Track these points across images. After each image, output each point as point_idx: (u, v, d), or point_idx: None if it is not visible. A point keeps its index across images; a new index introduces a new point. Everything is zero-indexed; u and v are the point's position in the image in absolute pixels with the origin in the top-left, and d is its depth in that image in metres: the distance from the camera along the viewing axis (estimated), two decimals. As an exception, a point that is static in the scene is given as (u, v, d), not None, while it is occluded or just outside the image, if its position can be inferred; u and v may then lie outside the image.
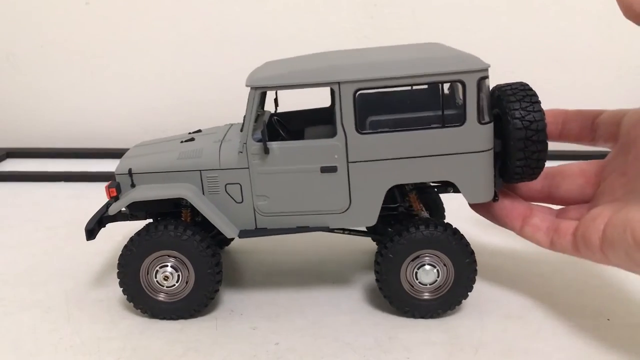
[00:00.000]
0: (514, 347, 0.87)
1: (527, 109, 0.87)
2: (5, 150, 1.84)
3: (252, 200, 0.91)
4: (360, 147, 0.88)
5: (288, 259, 1.15)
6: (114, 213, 0.95)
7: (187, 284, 0.91)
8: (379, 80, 0.86)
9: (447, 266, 0.91)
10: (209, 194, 0.92)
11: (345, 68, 0.88)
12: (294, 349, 0.85)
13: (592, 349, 0.87)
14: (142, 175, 0.94)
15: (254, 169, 0.89)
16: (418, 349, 0.86)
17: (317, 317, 0.94)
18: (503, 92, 0.90)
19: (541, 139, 0.87)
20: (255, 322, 0.92)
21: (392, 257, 0.90)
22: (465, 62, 0.87)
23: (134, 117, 1.91)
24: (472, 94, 0.86)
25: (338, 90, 0.86)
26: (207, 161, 0.92)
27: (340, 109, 0.87)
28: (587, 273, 1.13)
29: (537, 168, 0.90)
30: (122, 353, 0.84)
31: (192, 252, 0.90)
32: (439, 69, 0.86)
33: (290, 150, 0.89)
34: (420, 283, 0.92)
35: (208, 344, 0.86)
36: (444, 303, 0.93)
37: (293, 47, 1.83)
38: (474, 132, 0.87)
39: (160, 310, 0.92)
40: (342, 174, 0.89)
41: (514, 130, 0.87)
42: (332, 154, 0.88)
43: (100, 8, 1.86)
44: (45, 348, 0.85)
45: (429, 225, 0.90)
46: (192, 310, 0.92)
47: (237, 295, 1.00)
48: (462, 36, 1.87)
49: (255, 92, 0.89)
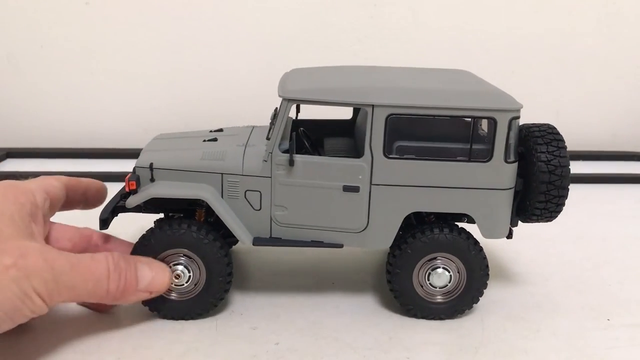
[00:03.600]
0: (514, 347, 0.87)
1: (553, 153, 0.88)
2: (5, 150, 1.84)
3: (270, 209, 0.91)
4: (385, 171, 0.88)
5: (288, 260, 1.15)
6: (132, 206, 0.94)
7: (195, 287, 0.91)
8: (413, 107, 0.86)
9: (460, 274, 0.92)
10: (228, 198, 0.92)
11: (381, 91, 0.88)
12: (294, 349, 0.85)
13: (592, 349, 0.87)
14: (163, 171, 0.93)
15: (277, 179, 0.89)
16: (418, 349, 0.86)
17: (318, 317, 0.94)
18: (530, 133, 0.91)
19: (564, 185, 0.89)
20: (255, 322, 0.92)
21: (410, 252, 0.90)
22: (500, 100, 0.88)
23: (134, 117, 1.91)
24: (503, 132, 0.86)
25: (371, 112, 0.86)
26: (230, 165, 0.91)
27: (371, 131, 0.87)
28: (587, 273, 1.13)
29: (555, 212, 0.92)
30: (122, 353, 0.84)
31: (210, 256, 0.89)
32: (474, 105, 0.86)
33: (315, 165, 0.89)
34: (430, 284, 0.92)
35: (208, 344, 0.86)
36: (448, 309, 0.93)
37: (293, 47, 1.84)
38: (499, 170, 0.88)
39: (163, 307, 0.91)
40: (363, 195, 0.89)
41: (538, 172, 0.88)
42: (356, 175, 0.88)
43: (100, 8, 1.86)
44: (45, 348, 0.85)
45: (453, 230, 0.91)
46: (194, 313, 0.92)
47: (237, 295, 1.00)
48: (462, 36, 1.88)
49: (288, 104, 0.89)
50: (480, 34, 1.86)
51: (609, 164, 1.96)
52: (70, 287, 0.75)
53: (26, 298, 0.71)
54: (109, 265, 0.80)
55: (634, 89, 2.01)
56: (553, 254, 1.23)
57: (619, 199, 1.67)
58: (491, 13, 1.87)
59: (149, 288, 0.85)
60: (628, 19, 1.89)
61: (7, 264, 0.70)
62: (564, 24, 1.90)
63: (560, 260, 1.20)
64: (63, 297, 0.76)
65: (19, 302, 0.70)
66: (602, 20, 1.87)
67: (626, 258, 1.23)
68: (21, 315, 0.72)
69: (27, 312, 0.72)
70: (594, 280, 1.09)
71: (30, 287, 0.71)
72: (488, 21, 1.87)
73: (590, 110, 1.99)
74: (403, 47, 1.87)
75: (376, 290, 1.03)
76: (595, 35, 1.90)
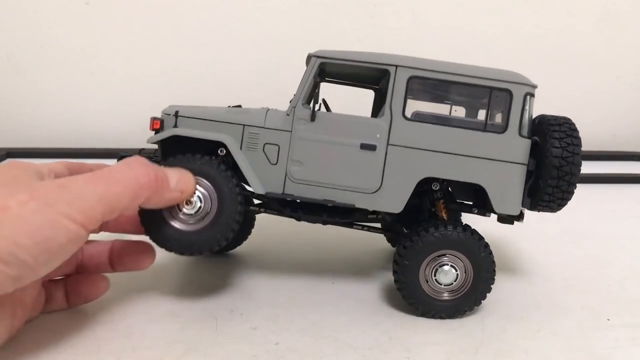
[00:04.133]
0: (514, 347, 0.87)
1: (567, 147, 0.91)
2: (5, 150, 1.84)
3: (286, 163, 0.93)
4: (402, 132, 0.91)
5: (288, 260, 1.15)
6: (153, 142, 0.96)
7: (204, 219, 0.90)
8: (434, 72, 0.90)
9: (467, 274, 0.92)
10: (246, 150, 0.94)
11: (405, 57, 0.92)
12: (294, 349, 0.85)
13: (592, 349, 0.87)
14: (188, 119, 0.96)
15: (296, 134, 0.93)
16: (418, 349, 0.86)
17: (317, 317, 0.94)
18: (546, 122, 0.94)
19: (576, 162, 0.91)
20: (255, 322, 0.92)
21: (421, 246, 0.91)
22: (516, 76, 0.92)
23: (134, 117, 1.91)
24: (518, 105, 0.90)
25: (394, 73, 0.91)
26: (253, 118, 0.95)
27: (392, 92, 0.91)
28: (587, 273, 1.13)
29: (563, 200, 0.93)
30: (122, 353, 0.84)
31: (224, 189, 0.89)
32: (492, 76, 0.90)
33: (335, 121, 0.92)
34: (436, 281, 0.92)
35: (208, 344, 0.86)
36: (450, 308, 0.93)
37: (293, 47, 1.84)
38: (513, 143, 0.91)
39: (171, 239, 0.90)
40: (379, 154, 0.91)
41: (551, 157, 0.90)
42: (374, 133, 0.91)
43: (100, 8, 1.86)
44: (45, 348, 0.85)
45: (466, 229, 0.92)
46: (199, 247, 0.90)
47: (237, 295, 1.00)
48: (462, 36, 1.88)
49: (316, 60, 0.93)
50: (480, 34, 1.86)
51: (609, 164, 1.96)
52: (99, 198, 0.74)
53: (55, 224, 0.70)
54: (141, 161, 0.81)
55: (634, 89, 2.01)
56: (553, 254, 1.23)
57: (619, 199, 1.67)
58: (491, 13, 1.87)
59: (179, 186, 0.86)
60: (628, 19, 1.89)
61: (23, 199, 0.69)
62: (564, 24, 1.90)
63: (561, 260, 1.20)
64: (98, 211, 0.74)
65: (48, 230, 0.69)
66: (602, 20, 1.87)
67: (626, 258, 1.23)
68: (58, 245, 0.70)
69: (62, 240, 0.70)
70: (594, 280, 1.09)
71: (56, 213, 0.70)
72: (488, 21, 1.87)
73: (590, 110, 1.99)
74: (403, 47, 1.86)
75: (376, 290, 1.03)
76: (595, 35, 1.90)
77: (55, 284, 0.93)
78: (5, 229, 0.66)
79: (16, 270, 0.67)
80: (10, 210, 0.68)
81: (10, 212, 0.68)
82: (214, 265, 1.12)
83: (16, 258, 0.67)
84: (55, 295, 0.92)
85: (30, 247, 0.67)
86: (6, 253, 0.66)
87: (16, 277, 0.68)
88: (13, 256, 0.66)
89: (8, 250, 0.66)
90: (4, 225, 0.67)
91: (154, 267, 1.09)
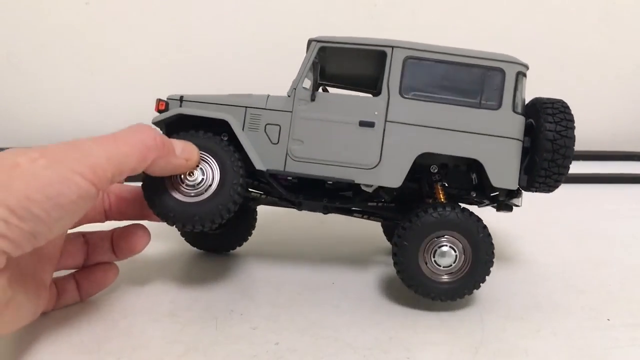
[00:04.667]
0: (514, 347, 0.87)
1: (558, 115, 0.95)
2: (5, 150, 1.84)
3: (287, 143, 0.95)
4: (399, 109, 0.94)
5: (288, 260, 1.15)
6: (156, 121, 0.98)
7: (207, 191, 0.91)
8: (429, 52, 0.94)
9: (465, 255, 0.93)
10: (248, 130, 0.97)
11: (401, 40, 0.95)
12: (294, 349, 0.85)
13: (592, 349, 0.87)
14: (192, 103, 1.00)
15: (297, 114, 0.95)
16: (418, 349, 0.86)
17: (317, 317, 0.94)
18: (541, 104, 0.97)
19: (570, 135, 0.94)
20: (255, 322, 0.92)
21: (419, 226, 0.92)
22: (508, 56, 0.96)
23: (134, 116, 1.91)
24: (510, 83, 0.94)
25: (391, 53, 0.94)
26: (255, 100, 0.98)
27: (389, 71, 0.94)
28: (587, 273, 1.13)
29: (560, 175, 0.96)
30: (122, 353, 0.84)
31: (226, 162, 0.91)
32: (485, 56, 0.94)
33: (335, 100, 0.96)
34: (435, 262, 0.93)
35: (208, 344, 0.86)
36: (449, 291, 0.93)
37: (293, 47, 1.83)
38: (507, 119, 0.94)
39: (174, 211, 0.90)
40: (378, 130, 0.94)
41: (544, 123, 0.94)
42: (372, 110, 0.94)
43: (100, 8, 1.86)
44: (46, 348, 0.85)
45: (465, 211, 0.93)
46: (201, 219, 0.90)
47: (237, 295, 1.00)
48: (462, 36, 1.87)
49: (317, 44, 0.96)
50: (480, 33, 1.86)
51: (609, 164, 1.96)
52: (107, 157, 0.76)
53: (66, 180, 0.71)
54: (147, 126, 0.83)
55: (634, 88, 2.01)
56: (553, 254, 1.23)
57: (619, 199, 1.67)
58: (491, 13, 1.87)
59: (184, 154, 0.87)
60: (628, 19, 1.89)
61: (34, 157, 0.71)
62: (564, 24, 1.90)
63: (560, 260, 1.20)
64: (108, 170, 0.75)
65: (59, 185, 0.70)
66: (602, 20, 1.87)
67: (626, 258, 1.23)
68: (70, 201, 0.71)
69: (73, 196, 0.71)
70: (594, 280, 1.09)
71: (67, 169, 0.71)
72: (487, 21, 1.87)
73: (590, 110, 1.99)
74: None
75: (376, 290, 1.03)
76: (595, 35, 1.91)
77: (65, 278, 0.94)
78: (16, 184, 0.67)
79: (31, 225, 0.68)
80: (21, 166, 0.69)
81: (20, 168, 0.69)
82: (214, 265, 1.12)
83: (30, 212, 0.67)
84: (67, 288, 0.94)
85: (43, 201, 0.68)
86: (20, 207, 0.67)
87: (32, 233, 0.69)
88: (27, 210, 0.67)
89: (21, 205, 0.67)
90: (16, 181, 0.67)
91: (154, 267, 1.10)
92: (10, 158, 0.70)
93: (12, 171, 0.68)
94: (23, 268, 0.79)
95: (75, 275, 0.95)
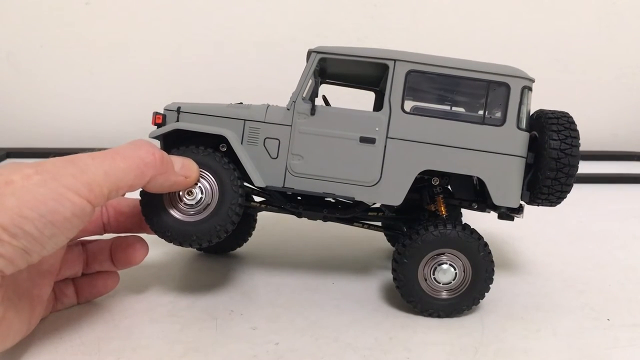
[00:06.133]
0: (514, 347, 0.87)
1: (565, 140, 0.92)
2: (5, 150, 1.84)
3: (286, 158, 0.94)
4: (401, 126, 0.91)
5: (288, 260, 1.15)
6: (155, 136, 0.96)
7: (205, 210, 0.90)
8: (432, 66, 0.91)
9: (465, 273, 0.93)
10: (247, 144, 0.95)
11: (403, 52, 0.93)
12: (294, 349, 0.85)
13: (592, 349, 0.87)
14: (189, 114, 0.97)
15: (297, 128, 0.93)
16: (418, 349, 0.86)
17: (317, 317, 0.94)
18: (545, 116, 0.94)
19: (575, 154, 0.91)
20: (255, 322, 0.92)
21: (420, 244, 0.91)
22: (513, 69, 0.92)
23: (134, 117, 1.91)
24: (515, 98, 0.91)
25: (393, 67, 0.91)
26: (254, 113, 0.95)
27: (391, 86, 0.91)
28: (587, 273, 1.13)
29: (563, 192, 0.94)
30: (122, 353, 0.84)
31: (226, 181, 0.90)
32: (490, 70, 0.91)
33: (335, 115, 0.93)
34: (435, 279, 0.93)
35: (208, 344, 0.86)
36: (448, 307, 0.93)
37: (293, 47, 1.84)
38: (511, 135, 0.91)
39: (172, 229, 0.89)
40: (379, 147, 0.92)
41: (549, 141, 0.91)
42: (373, 126, 0.92)
43: (100, 8, 1.86)
44: (46, 348, 0.85)
45: (466, 228, 0.92)
46: (198, 238, 0.89)
47: (237, 295, 1.00)
48: (462, 36, 1.88)
49: (316, 55, 0.94)
50: (480, 34, 1.86)
51: (609, 164, 1.96)
52: (104, 173, 0.75)
53: (60, 197, 0.70)
54: (146, 142, 0.82)
55: (634, 88, 2.01)
56: (553, 254, 1.23)
57: (619, 199, 1.67)
58: (491, 13, 1.87)
59: (183, 171, 0.86)
60: (628, 19, 1.89)
61: (28, 173, 0.70)
62: (564, 24, 1.90)
63: (560, 260, 1.20)
64: (104, 186, 0.74)
65: (53, 203, 0.69)
66: (602, 20, 1.87)
67: (626, 258, 1.23)
68: (63, 219, 0.70)
69: (67, 214, 0.71)
70: (594, 280, 1.09)
71: (61, 186, 0.70)
72: (487, 21, 1.87)
73: (590, 110, 1.99)
74: (403, 47, 1.86)
75: (376, 290, 1.03)
76: (595, 35, 1.90)
77: (64, 282, 0.94)
78: (9, 201, 0.67)
79: (23, 242, 0.68)
80: (15, 184, 0.68)
81: (14, 185, 0.68)
82: (214, 265, 1.12)
83: (22, 230, 0.67)
84: (65, 293, 0.93)
85: (36, 219, 0.68)
86: (12, 225, 0.66)
87: (25, 251, 0.68)
88: (19, 228, 0.67)
89: (14, 222, 0.66)
90: (9, 198, 0.67)
91: (154, 267, 1.10)
92: (4, 175, 0.69)
93: (5, 188, 0.68)
94: (19, 285, 0.78)
95: (74, 280, 0.94)
